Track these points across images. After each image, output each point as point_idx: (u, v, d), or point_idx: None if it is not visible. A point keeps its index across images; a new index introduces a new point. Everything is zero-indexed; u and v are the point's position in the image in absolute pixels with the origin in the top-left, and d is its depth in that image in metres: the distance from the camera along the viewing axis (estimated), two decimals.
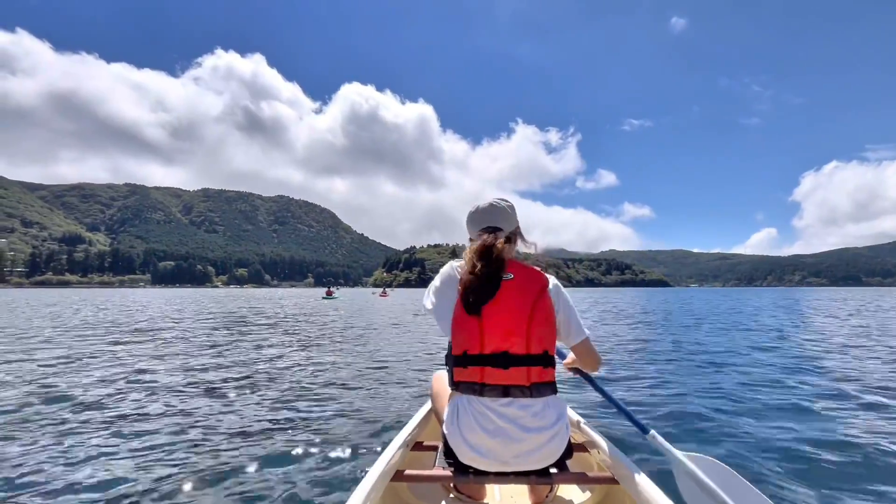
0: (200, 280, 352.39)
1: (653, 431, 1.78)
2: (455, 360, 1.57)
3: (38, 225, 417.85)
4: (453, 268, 1.66)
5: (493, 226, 1.68)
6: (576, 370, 1.92)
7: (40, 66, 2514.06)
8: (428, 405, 2.23)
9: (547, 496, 1.82)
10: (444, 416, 1.64)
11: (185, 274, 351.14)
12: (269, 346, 8.61)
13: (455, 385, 1.59)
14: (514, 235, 1.74)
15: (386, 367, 6.28)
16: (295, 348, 8.32)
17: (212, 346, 8.41)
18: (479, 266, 1.55)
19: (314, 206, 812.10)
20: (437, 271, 1.69)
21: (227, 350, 8.00)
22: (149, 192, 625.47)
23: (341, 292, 64.70)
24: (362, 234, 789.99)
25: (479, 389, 1.51)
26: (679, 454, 1.69)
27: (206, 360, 6.76)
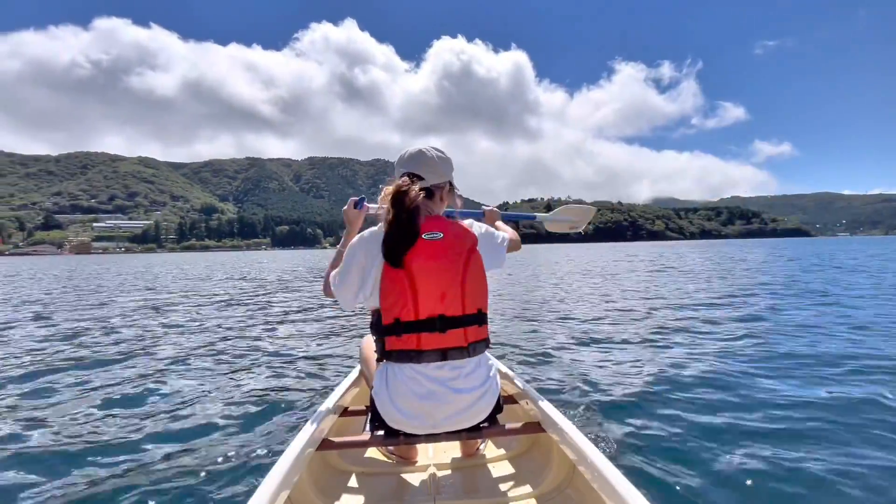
0: (311, 242, 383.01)
1: (538, 215, 2.16)
2: (386, 329, 1.46)
3: (183, 198, 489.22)
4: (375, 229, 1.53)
5: (414, 172, 1.54)
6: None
7: (173, 59, 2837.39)
8: (356, 371, 2.20)
9: (478, 449, 1.89)
10: (374, 382, 1.58)
11: (297, 237, 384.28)
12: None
13: (388, 354, 1.48)
14: (441, 190, 1.60)
15: (326, 333, 5.98)
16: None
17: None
18: (392, 213, 1.43)
19: None
20: None
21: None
22: (265, 164, 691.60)
23: None
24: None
25: (417, 356, 1.43)
26: (543, 214, 2.24)
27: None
